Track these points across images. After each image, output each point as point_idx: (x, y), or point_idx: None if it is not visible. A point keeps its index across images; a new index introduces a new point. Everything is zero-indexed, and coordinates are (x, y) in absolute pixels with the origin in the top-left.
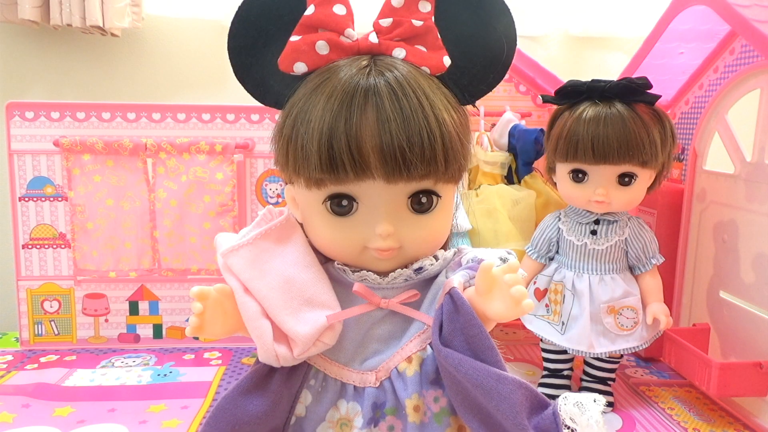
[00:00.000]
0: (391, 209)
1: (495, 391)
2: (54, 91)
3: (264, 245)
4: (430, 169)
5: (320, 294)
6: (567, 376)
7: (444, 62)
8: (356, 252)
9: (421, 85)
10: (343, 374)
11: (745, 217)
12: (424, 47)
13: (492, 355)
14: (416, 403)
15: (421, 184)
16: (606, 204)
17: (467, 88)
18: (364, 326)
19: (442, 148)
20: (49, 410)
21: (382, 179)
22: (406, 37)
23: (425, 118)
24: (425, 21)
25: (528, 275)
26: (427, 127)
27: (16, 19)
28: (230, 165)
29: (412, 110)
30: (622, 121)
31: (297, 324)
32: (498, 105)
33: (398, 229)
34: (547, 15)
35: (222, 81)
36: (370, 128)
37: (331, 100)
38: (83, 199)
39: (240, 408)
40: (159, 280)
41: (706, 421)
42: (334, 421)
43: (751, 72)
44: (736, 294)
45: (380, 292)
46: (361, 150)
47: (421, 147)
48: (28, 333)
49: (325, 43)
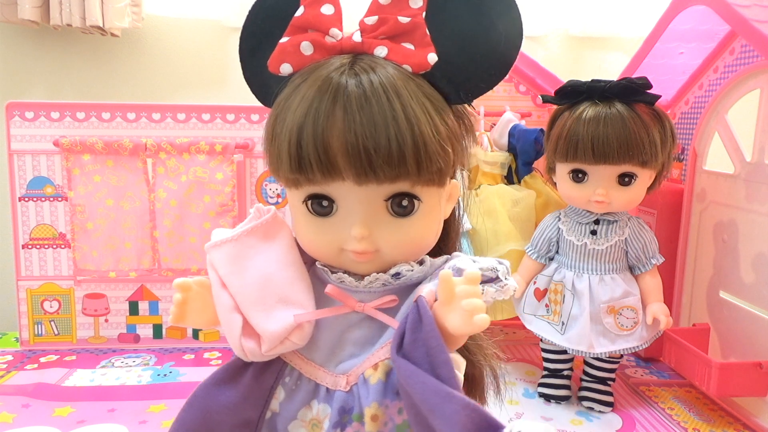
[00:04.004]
0: (368, 211)
1: (438, 410)
2: (54, 91)
3: (249, 242)
4: (399, 171)
5: (296, 293)
6: (567, 376)
7: (428, 60)
8: (334, 253)
9: (395, 85)
10: (317, 375)
11: (745, 217)
12: (411, 44)
13: (446, 370)
14: (375, 413)
15: (396, 186)
16: (606, 204)
17: (464, 86)
18: (340, 329)
19: (413, 151)
20: (49, 410)
21: (352, 180)
22: (391, 34)
23: (394, 119)
24: (413, 17)
25: (528, 275)
26: (396, 129)
27: (16, 19)
28: (230, 165)
29: (379, 111)
30: (622, 121)
31: (266, 321)
32: (498, 105)
33: (375, 233)
34: (547, 15)
35: (222, 81)
36: (337, 129)
37: (303, 101)
38: (83, 199)
39: (212, 397)
40: (159, 280)
41: (706, 421)
42: (306, 420)
43: (751, 72)
44: (736, 294)
45: (357, 295)
46: (327, 151)
47: (387, 149)
48: (28, 333)
49: (309, 43)
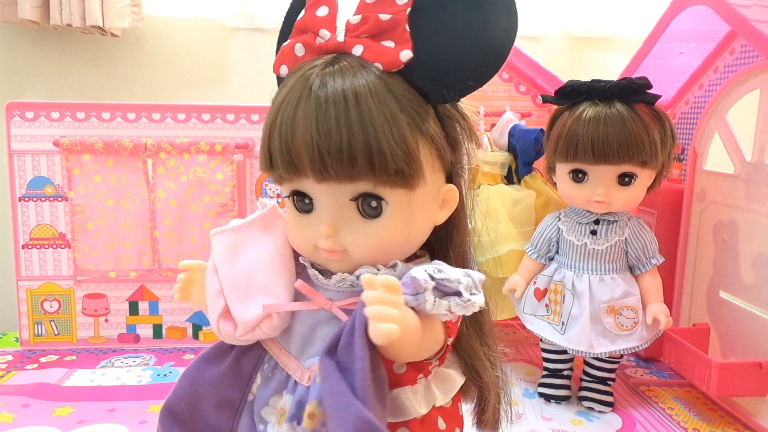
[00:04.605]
0: (338, 211)
1: (335, 416)
2: (54, 91)
3: (249, 233)
4: (352, 171)
5: (276, 286)
6: (567, 376)
7: (401, 57)
8: (310, 249)
9: (356, 87)
10: (290, 366)
11: (745, 217)
12: (392, 42)
13: (359, 378)
14: (312, 411)
15: (358, 186)
16: (606, 204)
17: (451, 84)
18: (312, 324)
19: (365, 152)
20: (49, 410)
21: (312, 178)
22: (372, 33)
23: (347, 121)
24: (395, 14)
25: (528, 275)
26: (348, 130)
27: (16, 19)
28: (230, 165)
29: (335, 113)
30: (622, 121)
31: (243, 309)
32: (498, 105)
33: (342, 232)
34: (547, 15)
35: (222, 81)
36: (299, 128)
37: (278, 100)
38: (83, 199)
39: (200, 372)
40: (159, 280)
41: (706, 421)
42: (277, 408)
43: (751, 72)
44: (736, 294)
45: (328, 293)
46: (290, 150)
47: (338, 149)
48: (28, 333)
49: (301, 45)
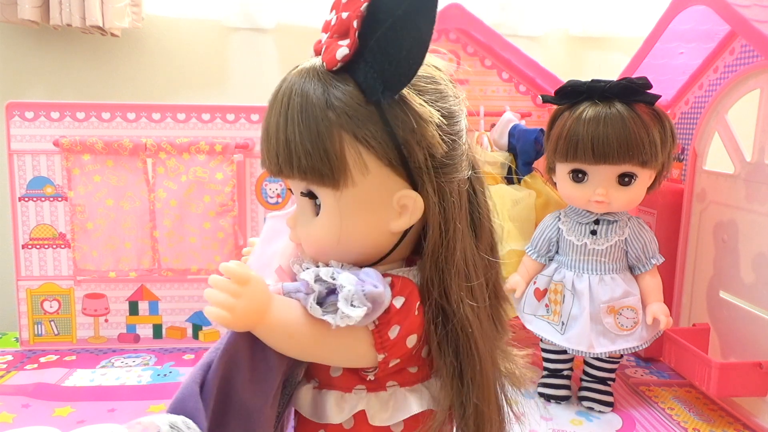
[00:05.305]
0: (300, 205)
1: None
2: (54, 91)
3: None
4: (291, 169)
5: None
6: (567, 376)
7: (336, 56)
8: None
9: (294, 87)
10: None
11: (745, 217)
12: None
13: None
14: None
15: (300, 183)
16: (606, 204)
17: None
18: None
19: (285, 150)
20: (49, 410)
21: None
22: (338, 33)
23: (282, 120)
24: (352, 12)
25: (528, 275)
26: (282, 129)
27: (15, 19)
28: (230, 165)
29: (280, 114)
30: (622, 121)
31: None
32: (498, 105)
33: (297, 227)
34: (547, 15)
35: (222, 81)
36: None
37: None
38: (83, 199)
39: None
40: (159, 280)
41: (706, 421)
42: None
43: (751, 72)
44: (736, 294)
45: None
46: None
47: (275, 147)
48: (27, 333)
49: (312, 50)
